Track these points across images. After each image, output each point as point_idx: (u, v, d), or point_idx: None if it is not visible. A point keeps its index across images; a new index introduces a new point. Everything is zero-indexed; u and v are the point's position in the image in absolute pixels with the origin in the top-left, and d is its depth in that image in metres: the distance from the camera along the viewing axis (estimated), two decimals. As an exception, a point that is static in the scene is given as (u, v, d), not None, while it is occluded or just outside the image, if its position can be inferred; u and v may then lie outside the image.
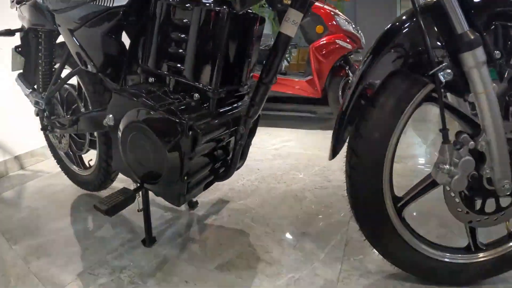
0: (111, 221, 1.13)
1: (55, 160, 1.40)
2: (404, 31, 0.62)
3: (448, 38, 0.59)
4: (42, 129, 1.16)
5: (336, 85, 2.04)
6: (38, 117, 1.22)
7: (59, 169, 1.42)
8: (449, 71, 0.58)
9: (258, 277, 0.84)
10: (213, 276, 0.84)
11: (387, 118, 0.66)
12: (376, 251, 0.79)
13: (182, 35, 0.70)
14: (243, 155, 0.84)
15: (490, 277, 0.76)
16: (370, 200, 0.73)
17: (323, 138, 2.05)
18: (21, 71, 1.22)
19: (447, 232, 0.98)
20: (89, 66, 0.87)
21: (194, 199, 1.20)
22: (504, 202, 0.67)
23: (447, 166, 0.62)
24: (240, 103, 0.82)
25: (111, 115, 0.79)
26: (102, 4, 0.79)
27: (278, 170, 1.54)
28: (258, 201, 1.23)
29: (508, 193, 0.64)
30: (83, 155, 1.31)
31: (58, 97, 1.17)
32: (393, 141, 0.68)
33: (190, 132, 0.65)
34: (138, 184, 0.83)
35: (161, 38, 0.74)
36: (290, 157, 1.71)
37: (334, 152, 0.72)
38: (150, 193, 0.98)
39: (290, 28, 0.68)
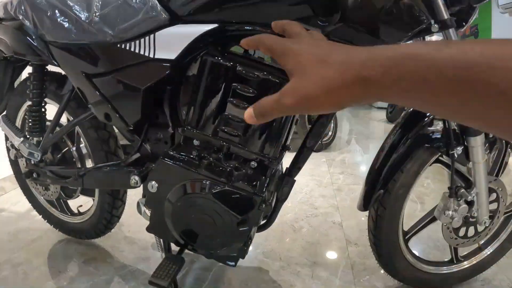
0: (117, 274, 1.06)
1: (31, 204, 1.19)
2: (428, 116, 0.79)
3: (459, 124, 0.77)
4: (26, 176, 0.98)
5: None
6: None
7: (25, 207, 1.21)
8: (459, 149, 0.78)
9: (294, 311, 0.94)
10: (254, 319, 0.91)
11: (409, 179, 0.84)
12: (387, 273, 0.98)
13: (244, 103, 0.70)
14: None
15: (468, 279, 1.04)
16: (389, 238, 0.90)
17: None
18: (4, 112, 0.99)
19: (424, 249, 1.23)
20: (113, 120, 0.79)
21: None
22: (479, 228, 0.93)
23: (451, 212, 0.84)
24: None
25: (154, 182, 0.75)
26: (138, 52, 0.72)
27: (266, 197, 1.63)
28: (261, 235, 1.28)
29: (487, 225, 0.88)
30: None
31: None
32: (410, 194, 0.87)
33: (264, 206, 0.68)
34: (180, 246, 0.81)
35: (215, 101, 0.70)
36: (272, 180, 1.81)
37: (365, 205, 0.86)
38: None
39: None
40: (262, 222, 0.89)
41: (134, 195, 1.57)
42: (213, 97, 0.72)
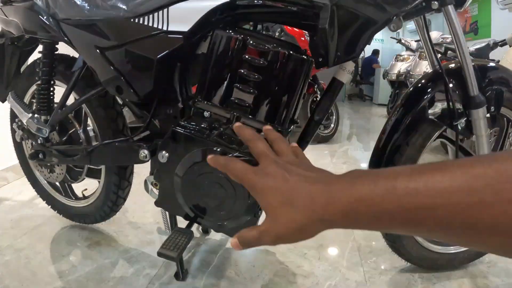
0: (122, 257, 1.05)
1: (34, 189, 1.18)
2: (431, 89, 0.81)
3: (463, 96, 0.79)
4: (31, 157, 0.98)
5: (305, 102, 2.24)
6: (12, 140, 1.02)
7: (29, 196, 1.20)
8: (463, 121, 0.80)
9: (302, 291, 0.94)
10: (262, 297, 0.90)
11: (415, 152, 0.85)
12: (394, 251, 0.98)
13: (254, 74, 0.71)
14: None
15: (474, 260, 1.04)
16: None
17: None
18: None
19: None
20: (125, 93, 0.79)
21: (209, 222, 1.21)
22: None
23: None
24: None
25: (164, 152, 0.76)
26: (152, 25, 0.74)
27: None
28: (268, 217, 1.30)
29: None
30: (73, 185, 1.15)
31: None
32: (416, 168, 0.88)
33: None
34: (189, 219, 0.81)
35: (227, 73, 0.72)
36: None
37: None
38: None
39: (345, 76, 0.79)
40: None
41: (138, 184, 1.56)
42: (224, 69, 0.73)
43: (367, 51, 6.68)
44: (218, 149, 0.71)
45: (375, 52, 6.65)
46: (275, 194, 0.29)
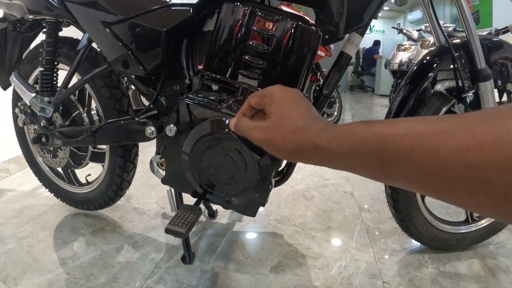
0: (127, 242, 1.03)
1: (37, 177, 1.16)
2: (438, 64, 0.81)
3: (470, 70, 0.79)
4: (34, 142, 0.96)
5: (308, 90, 2.24)
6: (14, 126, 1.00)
7: (31, 187, 1.17)
8: (471, 94, 0.79)
9: (312, 271, 0.92)
10: (272, 279, 0.88)
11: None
12: (403, 231, 0.97)
13: (263, 45, 0.71)
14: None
15: (484, 241, 1.03)
16: (407, 191, 0.90)
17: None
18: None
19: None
20: (131, 67, 0.78)
21: (214, 208, 1.19)
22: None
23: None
24: None
25: (172, 126, 0.74)
26: None
27: (275, 172, 1.63)
28: (273, 203, 1.29)
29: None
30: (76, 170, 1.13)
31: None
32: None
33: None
34: (197, 197, 0.79)
35: (236, 45, 0.72)
36: (279, 160, 1.81)
37: None
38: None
39: (352, 49, 0.78)
40: (278, 178, 0.89)
41: (142, 172, 1.54)
42: (233, 41, 0.73)
43: (369, 42, 6.69)
44: (227, 120, 0.70)
45: (377, 43, 6.66)
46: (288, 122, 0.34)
